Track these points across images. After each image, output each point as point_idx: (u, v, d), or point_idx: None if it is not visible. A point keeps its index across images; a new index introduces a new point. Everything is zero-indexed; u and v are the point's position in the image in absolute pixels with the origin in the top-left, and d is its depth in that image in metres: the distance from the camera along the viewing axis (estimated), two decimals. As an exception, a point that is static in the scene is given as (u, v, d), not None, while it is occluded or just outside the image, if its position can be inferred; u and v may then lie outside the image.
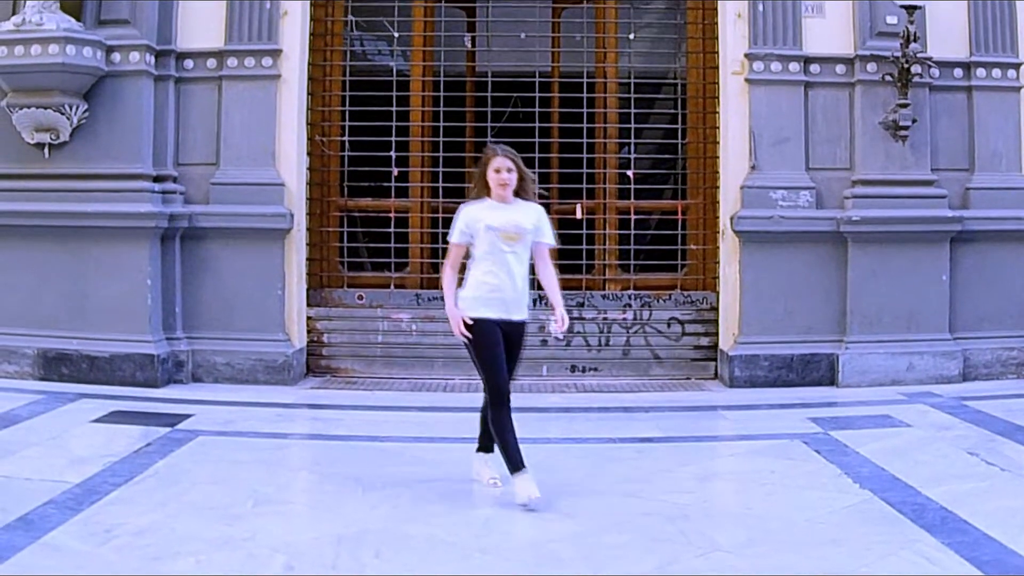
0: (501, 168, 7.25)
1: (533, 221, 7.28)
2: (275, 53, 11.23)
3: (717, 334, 11.70)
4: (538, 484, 6.73)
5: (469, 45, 12.56)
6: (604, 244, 11.94)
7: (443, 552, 5.93)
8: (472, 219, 7.27)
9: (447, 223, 12.13)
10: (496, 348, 7.11)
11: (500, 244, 7.16)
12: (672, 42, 12.47)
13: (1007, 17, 11.49)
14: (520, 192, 7.32)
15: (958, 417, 9.55)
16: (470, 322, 7.07)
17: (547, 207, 7.97)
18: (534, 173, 7.58)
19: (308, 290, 11.69)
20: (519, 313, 7.22)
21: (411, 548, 5.93)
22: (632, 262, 11.93)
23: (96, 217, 10.80)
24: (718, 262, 11.68)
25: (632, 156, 11.99)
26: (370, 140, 11.92)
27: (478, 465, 7.46)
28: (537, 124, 11.78)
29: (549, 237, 7.43)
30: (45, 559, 5.63)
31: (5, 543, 5.79)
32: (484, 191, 7.36)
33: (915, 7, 10.69)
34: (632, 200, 12.02)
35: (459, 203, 12.14)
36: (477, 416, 7.39)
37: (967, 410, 9.83)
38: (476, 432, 7.45)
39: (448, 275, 7.32)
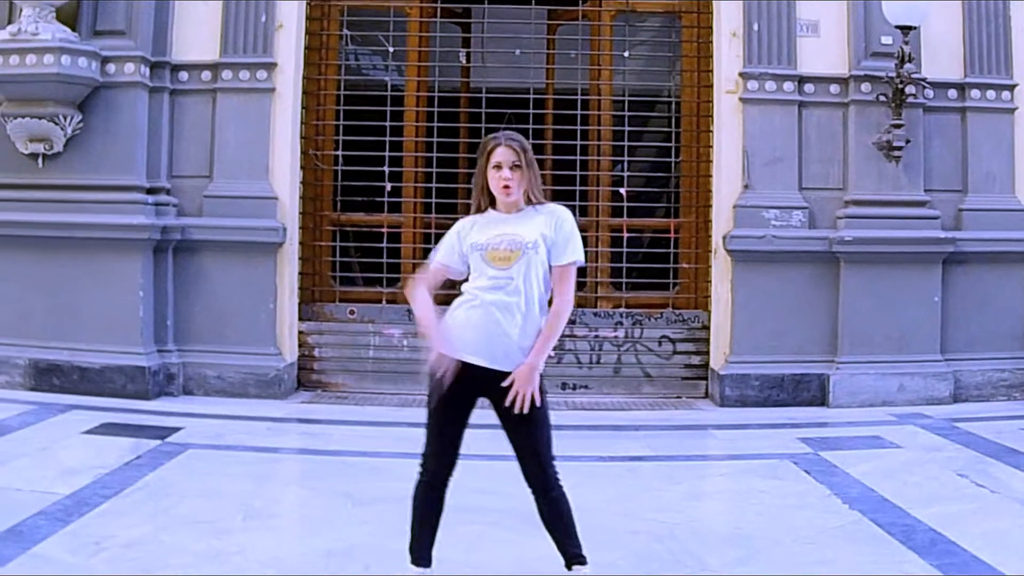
0: (503, 163, 5.31)
1: (541, 232, 5.24)
2: (270, 66, 11.21)
3: (708, 353, 11.67)
4: (525, 501, 5.49)
5: (464, 60, 12.60)
6: (596, 262, 11.82)
7: (432, 568, 5.93)
8: (460, 235, 5.44)
9: (440, 239, 12.23)
10: (446, 408, 5.43)
11: (488, 268, 5.24)
12: (667, 60, 12.47)
13: (1002, 38, 11.49)
14: (527, 197, 5.38)
15: (948, 439, 9.55)
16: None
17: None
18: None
19: (300, 304, 11.66)
20: (507, 361, 5.23)
21: (400, 564, 5.92)
22: (624, 280, 11.89)
23: (89, 228, 10.79)
24: (710, 281, 11.65)
25: (625, 174, 12.00)
26: (364, 155, 11.90)
27: None
28: (531, 140, 11.66)
29: (570, 253, 5.29)
30: (35, 570, 5.65)
31: (-6, 554, 5.79)
32: (487, 200, 5.43)
33: (910, 27, 10.71)
34: (624, 218, 12.00)
35: (453, 219, 12.39)
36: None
37: (957, 432, 9.83)
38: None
39: (412, 287, 5.56)
